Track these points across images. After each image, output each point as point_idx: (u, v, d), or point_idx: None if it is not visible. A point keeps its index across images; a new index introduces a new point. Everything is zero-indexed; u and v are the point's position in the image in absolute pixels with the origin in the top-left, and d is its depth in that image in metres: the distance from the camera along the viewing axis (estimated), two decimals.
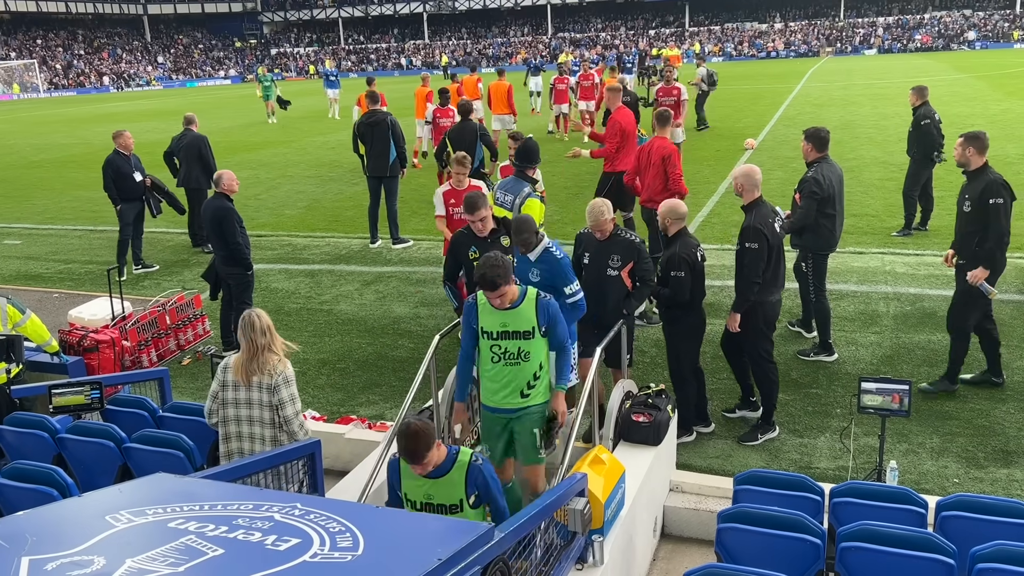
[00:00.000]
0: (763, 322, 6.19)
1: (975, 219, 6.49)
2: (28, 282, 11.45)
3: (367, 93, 12.56)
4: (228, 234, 7.94)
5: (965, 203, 6.59)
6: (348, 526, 2.66)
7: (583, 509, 3.97)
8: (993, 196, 6.35)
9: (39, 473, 4.55)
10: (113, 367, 7.75)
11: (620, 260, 5.74)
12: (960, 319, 6.76)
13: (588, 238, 5.90)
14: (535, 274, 5.36)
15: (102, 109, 44.39)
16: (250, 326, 4.59)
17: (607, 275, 5.77)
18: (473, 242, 6.15)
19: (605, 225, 5.75)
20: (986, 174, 6.49)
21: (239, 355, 4.67)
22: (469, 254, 6.14)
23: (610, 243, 5.80)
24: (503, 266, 4.54)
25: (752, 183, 6.24)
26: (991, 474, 5.68)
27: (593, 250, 5.87)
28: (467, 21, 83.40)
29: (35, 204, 17.21)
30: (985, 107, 24.24)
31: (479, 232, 6.07)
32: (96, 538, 2.56)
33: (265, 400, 4.62)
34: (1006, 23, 64.16)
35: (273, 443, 4.68)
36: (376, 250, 12.03)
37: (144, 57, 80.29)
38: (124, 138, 11.34)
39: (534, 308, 4.64)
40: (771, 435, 6.29)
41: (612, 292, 5.78)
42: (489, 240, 6.08)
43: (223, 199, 8.02)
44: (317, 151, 22.70)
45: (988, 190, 6.38)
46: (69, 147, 26.61)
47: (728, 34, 72.67)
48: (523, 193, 7.46)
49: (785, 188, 13.99)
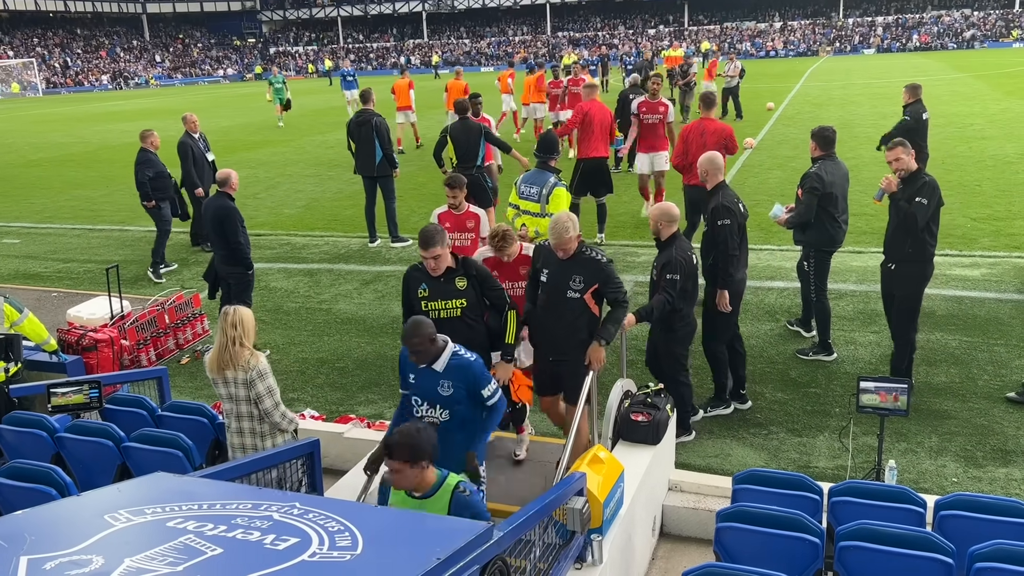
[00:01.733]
0: (733, 297, 6.46)
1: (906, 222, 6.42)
2: (27, 281, 11.44)
3: (360, 93, 12.45)
4: (230, 233, 7.96)
5: (897, 205, 6.50)
6: (347, 525, 2.66)
7: (582, 508, 3.97)
8: (920, 197, 6.32)
9: (38, 472, 4.55)
10: (112, 366, 7.74)
11: (583, 282, 5.18)
12: None
13: (549, 253, 5.30)
14: (446, 387, 4.40)
15: (101, 108, 44.36)
16: (223, 316, 4.82)
17: (566, 297, 5.20)
18: (424, 280, 5.19)
19: (569, 244, 5.16)
20: (920, 176, 6.46)
21: (212, 349, 4.87)
22: (419, 292, 5.17)
23: (573, 262, 5.20)
24: (418, 445, 3.61)
25: (716, 167, 6.57)
26: (989, 473, 5.69)
27: (553, 268, 5.27)
28: (466, 20, 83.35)
29: (33, 203, 17.19)
30: (984, 106, 24.25)
31: (432, 271, 5.11)
32: (95, 537, 2.56)
33: (243, 395, 4.80)
34: (1003, 23, 64.18)
35: (257, 436, 4.84)
36: (375, 249, 12.02)
37: (143, 56, 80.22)
38: (155, 137, 11.41)
39: (447, 506, 3.69)
40: (723, 411, 6.66)
41: (569, 315, 5.21)
42: (443, 280, 5.13)
43: (225, 198, 8.03)
44: (316, 150, 22.68)
45: (920, 192, 6.33)
46: (67, 146, 26.59)
47: (727, 33, 72.66)
48: (549, 183, 7.46)
49: (784, 187, 14.01)
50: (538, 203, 7.41)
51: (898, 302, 6.71)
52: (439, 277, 5.12)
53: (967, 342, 7.72)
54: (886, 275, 6.77)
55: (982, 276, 9.41)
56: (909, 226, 6.33)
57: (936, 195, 6.37)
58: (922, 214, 6.29)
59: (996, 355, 7.42)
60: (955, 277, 9.42)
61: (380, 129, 11.68)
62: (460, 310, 5.09)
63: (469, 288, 5.12)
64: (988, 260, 9.98)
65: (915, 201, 6.31)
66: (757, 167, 16.44)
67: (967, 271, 9.62)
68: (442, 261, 5.06)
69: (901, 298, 6.66)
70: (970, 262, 9.94)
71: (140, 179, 11.21)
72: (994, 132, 19.28)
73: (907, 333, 6.73)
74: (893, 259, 6.65)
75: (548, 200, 7.33)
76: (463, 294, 5.10)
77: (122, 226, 14.57)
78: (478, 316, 5.17)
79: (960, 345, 7.67)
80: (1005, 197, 12.91)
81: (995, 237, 10.84)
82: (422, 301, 5.13)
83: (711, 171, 6.54)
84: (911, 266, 6.52)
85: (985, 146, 17.49)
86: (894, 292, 6.72)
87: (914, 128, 10.91)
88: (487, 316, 5.20)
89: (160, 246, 11.26)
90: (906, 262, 6.53)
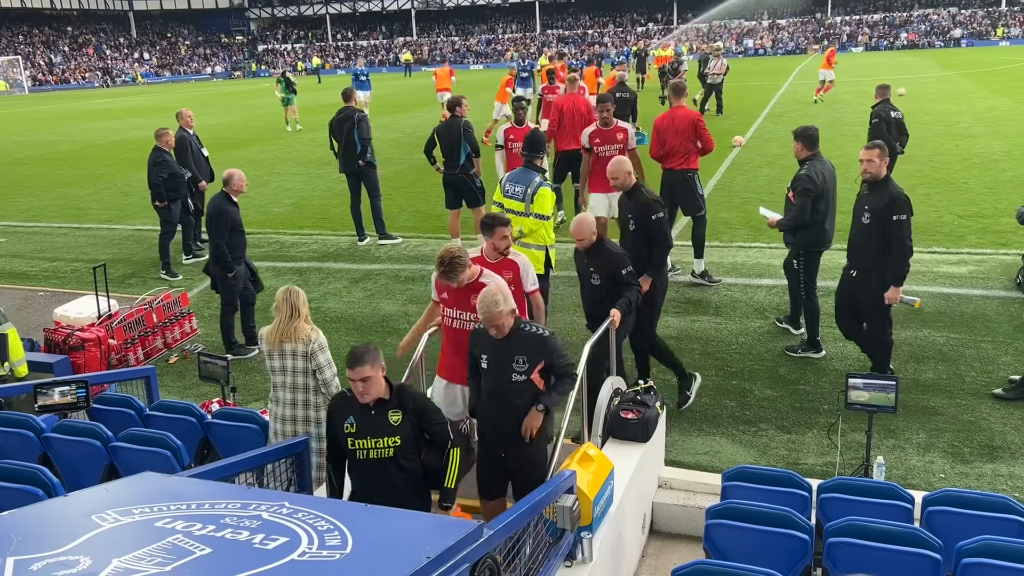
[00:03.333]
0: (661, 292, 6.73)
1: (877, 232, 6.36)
2: (13, 280, 11.36)
3: (343, 91, 12.35)
4: (214, 233, 8.00)
5: (864, 214, 6.42)
6: (336, 524, 2.65)
7: (572, 506, 3.97)
8: (898, 213, 6.21)
9: (24, 473, 4.52)
10: (99, 366, 7.70)
11: (527, 362, 4.48)
12: None
13: (485, 337, 4.58)
14: None
15: (88, 106, 44.07)
16: (296, 294, 5.14)
17: (511, 382, 4.49)
18: (351, 412, 4.18)
19: (500, 319, 4.43)
20: (891, 187, 6.35)
21: (272, 324, 5.13)
22: (345, 427, 4.17)
23: (511, 342, 4.51)
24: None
25: (624, 170, 6.73)
26: (977, 469, 5.72)
27: (492, 352, 4.56)
28: (455, 18, 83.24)
29: (19, 202, 17.07)
30: (971, 104, 24.39)
31: (360, 395, 4.10)
32: (82, 538, 2.54)
33: (300, 367, 5.06)
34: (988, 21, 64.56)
35: (311, 407, 5.11)
36: (364, 247, 11.99)
37: (130, 53, 79.75)
38: (170, 136, 11.26)
39: None
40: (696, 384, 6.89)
41: (517, 401, 4.50)
42: (373, 412, 4.14)
43: (223, 198, 8.04)
44: (304, 148, 22.61)
45: (893, 205, 6.23)
46: (54, 144, 26.41)
47: (716, 31, 72.80)
48: (534, 183, 7.44)
49: (773, 185, 14.05)
50: (523, 202, 7.40)
51: (869, 308, 6.61)
52: (368, 408, 4.13)
53: (954, 339, 7.77)
54: (848, 282, 6.66)
55: (969, 273, 9.47)
56: (895, 247, 6.24)
57: (911, 209, 6.29)
58: (907, 233, 6.22)
59: (983, 352, 7.46)
60: (942, 274, 9.47)
61: (360, 125, 11.62)
62: (392, 450, 4.13)
63: (404, 423, 4.15)
64: (975, 257, 10.04)
65: (894, 219, 6.19)
66: (746, 165, 16.49)
67: (954, 268, 9.67)
68: (372, 387, 4.07)
69: (871, 304, 6.57)
70: (957, 259, 10.00)
71: (154, 180, 11.09)
72: (981, 130, 19.40)
73: (887, 336, 6.68)
74: (858, 266, 6.55)
75: (533, 199, 7.31)
76: (397, 430, 4.13)
77: (109, 225, 14.48)
78: (414, 455, 4.21)
79: (947, 342, 7.71)
80: (992, 194, 12.99)
81: (982, 234, 10.90)
82: (348, 438, 4.15)
83: (621, 175, 6.70)
84: (873, 273, 6.46)
85: (972, 144, 17.59)
86: (863, 300, 6.61)
87: (884, 128, 10.91)
88: (424, 454, 4.28)
89: (164, 245, 11.17)
90: (870, 270, 6.46)
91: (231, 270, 8.12)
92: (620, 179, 6.73)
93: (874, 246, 6.39)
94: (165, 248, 11.12)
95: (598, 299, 6.05)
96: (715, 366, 7.50)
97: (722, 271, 9.94)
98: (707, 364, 7.53)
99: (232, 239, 8.07)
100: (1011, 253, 9.94)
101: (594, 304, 6.13)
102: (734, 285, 9.52)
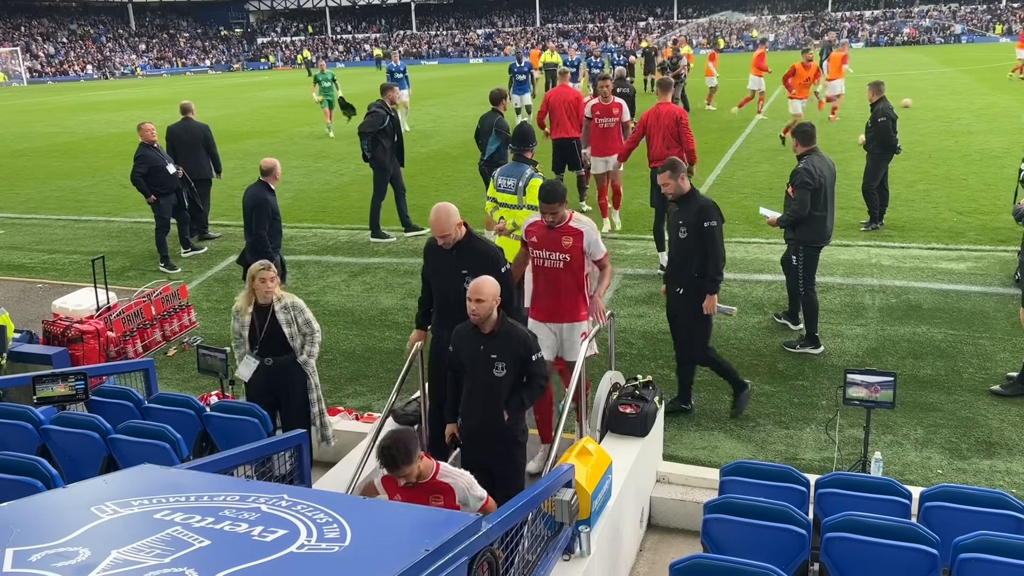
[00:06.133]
0: None
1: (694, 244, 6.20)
2: (11, 272, 11.35)
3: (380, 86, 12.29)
4: (255, 223, 8.06)
5: (680, 230, 6.26)
6: (335, 517, 2.66)
7: (570, 500, 3.98)
8: (708, 219, 6.08)
9: (23, 464, 4.51)
10: (98, 358, 7.69)
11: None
12: None
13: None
14: None
15: (86, 98, 43.99)
16: None
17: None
18: None
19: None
20: (697, 198, 6.26)
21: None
22: None
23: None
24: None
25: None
26: (974, 465, 5.73)
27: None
28: (455, 11, 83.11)
29: (18, 193, 17.04)
30: (971, 101, 24.38)
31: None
32: (81, 529, 2.55)
33: None
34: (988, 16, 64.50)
35: None
36: (363, 241, 11.98)
37: (129, 45, 79.56)
38: (146, 129, 11.05)
39: None
40: None
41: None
42: None
43: (263, 188, 8.07)
44: (304, 141, 22.57)
45: (703, 213, 6.11)
46: (52, 136, 26.36)
47: (716, 26, 72.70)
48: (526, 175, 7.45)
49: (772, 181, 14.05)
50: (515, 195, 7.40)
51: (690, 320, 6.37)
52: None
53: (952, 335, 7.78)
54: (674, 299, 6.43)
55: (968, 270, 9.48)
56: (708, 254, 6.08)
57: (722, 216, 6.19)
58: (719, 239, 6.09)
59: (981, 348, 7.47)
60: (941, 271, 9.48)
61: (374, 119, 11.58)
62: None
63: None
64: (974, 254, 10.05)
65: (705, 227, 6.04)
66: (746, 160, 16.49)
67: (953, 264, 9.68)
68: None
69: (691, 315, 6.33)
70: (956, 256, 10.01)
71: (133, 177, 11.00)
72: (980, 127, 19.39)
73: (705, 350, 6.43)
74: (683, 283, 6.31)
75: (525, 192, 7.30)
76: None
77: (108, 217, 14.46)
78: None
79: (946, 338, 7.72)
80: (991, 191, 13.00)
81: (981, 231, 10.91)
82: None
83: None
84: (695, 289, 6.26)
85: (971, 140, 17.59)
86: (686, 312, 6.37)
87: (891, 127, 10.85)
88: None
89: (161, 240, 11.13)
90: (692, 285, 6.26)
91: (271, 260, 8.10)
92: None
93: (696, 259, 6.18)
94: (162, 242, 11.10)
95: None
96: None
97: None
98: None
99: (271, 228, 8.10)
100: (1009, 250, 9.94)
101: None
102: (733, 280, 9.52)
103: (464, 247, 5.12)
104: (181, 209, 11.52)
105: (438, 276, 5.28)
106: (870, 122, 11.02)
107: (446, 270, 5.18)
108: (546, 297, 5.62)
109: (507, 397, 4.56)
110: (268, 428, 5.25)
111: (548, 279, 5.56)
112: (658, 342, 7.90)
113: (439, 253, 5.22)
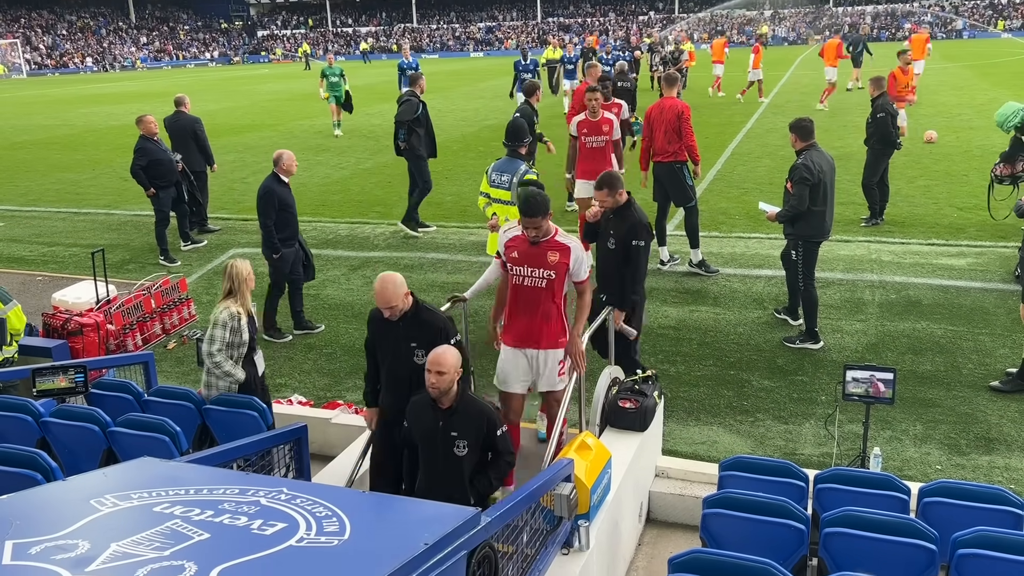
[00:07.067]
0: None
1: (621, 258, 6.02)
2: (11, 265, 11.34)
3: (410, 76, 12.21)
4: (262, 214, 8.06)
5: (610, 240, 6.07)
6: (335, 511, 2.66)
7: (569, 494, 3.98)
8: (637, 238, 5.90)
9: (23, 457, 4.52)
10: (97, 351, 7.69)
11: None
12: None
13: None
14: None
15: (86, 90, 43.91)
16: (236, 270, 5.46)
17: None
18: None
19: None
20: (632, 213, 6.01)
21: None
22: None
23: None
24: None
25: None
26: (973, 461, 5.74)
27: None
28: (456, 5, 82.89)
29: (18, 186, 17.02)
30: (972, 96, 24.34)
31: None
32: (81, 522, 2.55)
33: None
34: (991, 11, 64.37)
35: None
36: (364, 235, 11.97)
37: (129, 38, 79.39)
38: (147, 122, 11.06)
39: None
40: None
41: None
42: None
43: (274, 180, 8.08)
44: (304, 135, 22.54)
45: (633, 231, 5.91)
46: (52, 128, 26.32)
47: (717, 21, 72.54)
48: (520, 171, 7.46)
49: (773, 176, 14.03)
50: (509, 191, 7.40)
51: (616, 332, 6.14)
52: None
53: (952, 331, 7.78)
54: (600, 307, 6.13)
55: (968, 265, 9.47)
56: (629, 271, 5.93)
57: (651, 235, 6.09)
58: (644, 259, 5.97)
59: (980, 344, 7.48)
60: (941, 266, 9.48)
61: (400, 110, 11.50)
62: None
63: None
64: (974, 250, 10.04)
65: (633, 244, 5.88)
66: (747, 156, 16.47)
67: (953, 260, 9.68)
68: None
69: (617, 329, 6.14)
70: (956, 251, 10.00)
71: (132, 170, 10.99)
72: (981, 122, 19.35)
73: (633, 358, 6.28)
74: (608, 291, 6.09)
75: (518, 187, 7.30)
76: None
77: (108, 210, 14.45)
78: None
79: (945, 334, 7.73)
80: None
81: (981, 227, 10.90)
82: None
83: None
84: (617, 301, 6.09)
85: (972, 136, 17.57)
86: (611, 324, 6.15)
87: (890, 123, 10.84)
88: None
89: (161, 233, 11.12)
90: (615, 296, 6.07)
91: (277, 251, 8.07)
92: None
93: (621, 271, 6.04)
94: (162, 235, 11.09)
95: None
96: (713, 356, 7.52)
97: (721, 261, 9.94)
98: (705, 354, 7.54)
99: (279, 220, 8.05)
100: (1010, 246, 9.94)
101: None
102: (733, 275, 9.52)
103: (411, 319, 4.63)
104: (181, 202, 11.51)
105: (384, 350, 4.78)
106: (870, 117, 11.00)
107: (393, 343, 4.70)
108: (523, 319, 5.07)
109: (471, 477, 4.26)
110: (268, 421, 5.26)
111: (527, 299, 5.04)
112: (656, 337, 7.90)
113: (384, 325, 4.68)
